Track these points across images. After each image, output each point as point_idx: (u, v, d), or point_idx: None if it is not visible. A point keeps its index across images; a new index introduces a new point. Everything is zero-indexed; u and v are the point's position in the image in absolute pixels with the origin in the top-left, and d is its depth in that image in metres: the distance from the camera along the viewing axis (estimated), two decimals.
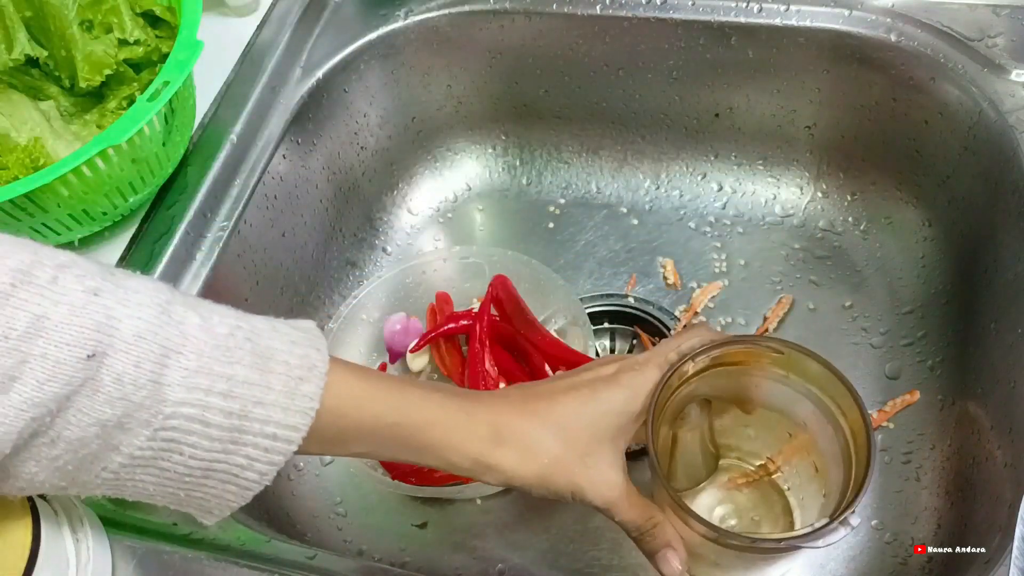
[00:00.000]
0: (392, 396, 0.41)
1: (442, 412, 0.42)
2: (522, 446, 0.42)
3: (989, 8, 0.65)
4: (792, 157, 0.76)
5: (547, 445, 0.43)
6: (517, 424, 0.43)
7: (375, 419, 0.40)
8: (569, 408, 0.44)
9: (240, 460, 0.37)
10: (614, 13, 0.70)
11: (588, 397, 0.44)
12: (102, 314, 0.34)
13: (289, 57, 0.71)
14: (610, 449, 0.44)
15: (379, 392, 0.41)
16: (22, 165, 0.58)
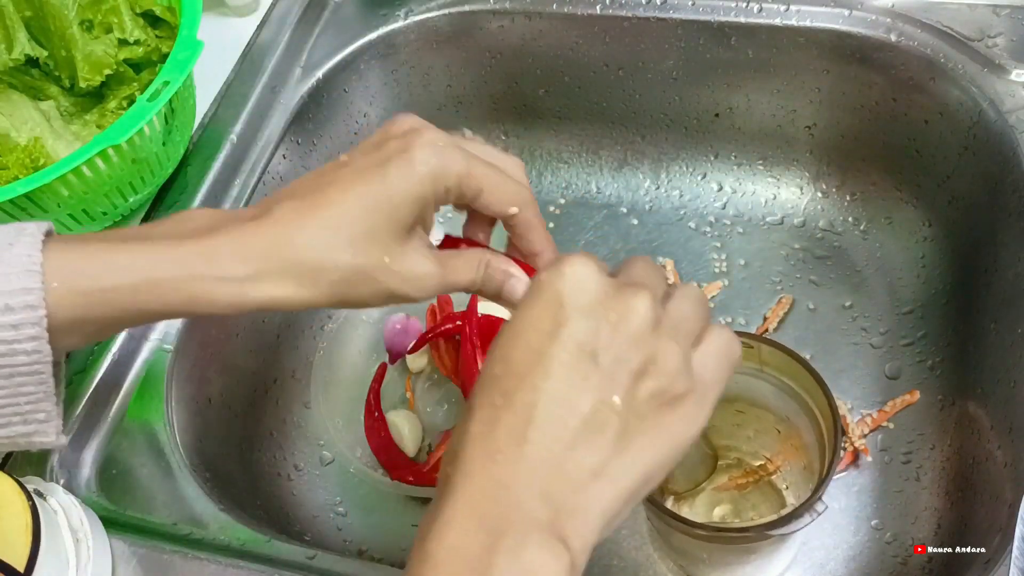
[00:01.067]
0: (120, 256, 0.36)
1: (179, 265, 0.36)
2: (301, 269, 0.36)
3: (989, 8, 0.65)
4: (792, 157, 0.76)
5: (332, 258, 0.36)
6: (289, 247, 0.36)
7: (115, 284, 0.36)
8: (355, 210, 0.37)
9: None
10: (614, 13, 0.70)
11: (378, 188, 0.37)
12: None
13: (289, 57, 0.71)
14: (415, 237, 0.39)
15: (107, 255, 0.36)
16: (22, 165, 0.58)
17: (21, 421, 0.37)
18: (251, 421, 0.65)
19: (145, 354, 0.57)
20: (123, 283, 0.36)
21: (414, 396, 0.68)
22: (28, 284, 0.34)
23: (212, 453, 0.58)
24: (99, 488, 0.52)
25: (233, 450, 0.62)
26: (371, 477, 0.58)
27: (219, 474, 0.56)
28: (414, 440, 0.64)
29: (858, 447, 0.62)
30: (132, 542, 0.48)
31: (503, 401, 0.31)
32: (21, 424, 0.37)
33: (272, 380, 0.67)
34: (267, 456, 0.65)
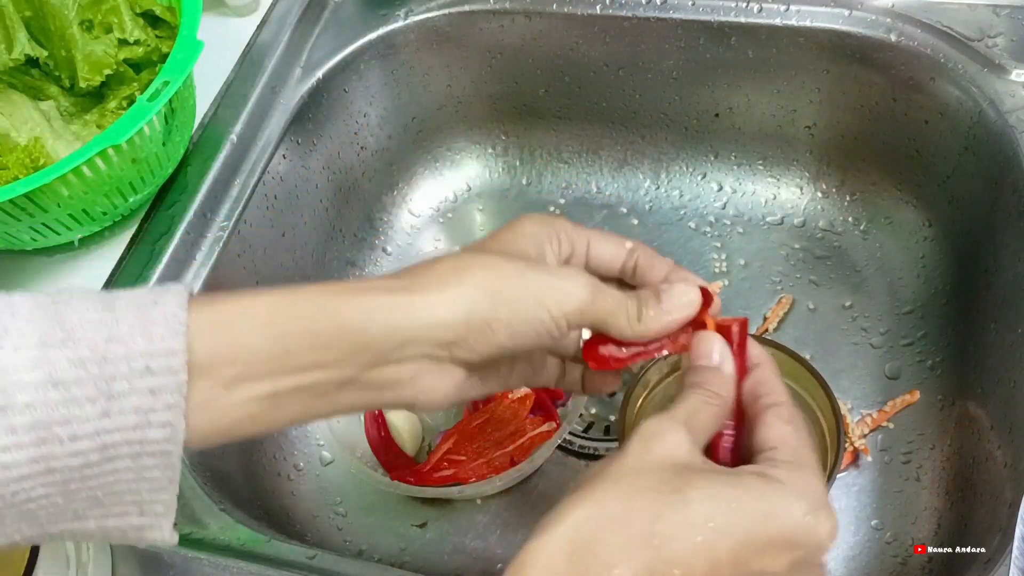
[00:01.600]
0: (306, 301, 0.34)
1: (377, 304, 0.34)
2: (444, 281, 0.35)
3: (989, 8, 0.65)
4: (792, 157, 0.76)
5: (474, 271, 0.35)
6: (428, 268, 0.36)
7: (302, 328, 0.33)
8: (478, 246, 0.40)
9: (131, 419, 0.30)
10: (614, 13, 0.70)
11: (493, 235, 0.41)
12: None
13: (289, 57, 0.71)
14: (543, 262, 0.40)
15: (283, 296, 0.34)
16: (22, 165, 0.58)
17: (137, 512, 0.33)
18: None
19: None
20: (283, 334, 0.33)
21: None
22: (172, 346, 0.31)
23: (212, 453, 0.58)
24: None
25: (233, 450, 0.62)
26: (371, 477, 0.58)
27: (219, 474, 0.56)
28: (413, 439, 0.64)
29: (858, 447, 0.62)
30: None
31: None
32: (137, 516, 0.33)
33: None
34: (267, 456, 0.65)
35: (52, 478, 0.30)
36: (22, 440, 0.29)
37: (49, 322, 0.30)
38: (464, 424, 0.62)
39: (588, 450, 0.65)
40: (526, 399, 0.62)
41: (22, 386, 0.29)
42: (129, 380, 0.30)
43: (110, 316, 0.31)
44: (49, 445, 0.29)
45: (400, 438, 0.64)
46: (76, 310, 0.31)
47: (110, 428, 0.30)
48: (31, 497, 0.30)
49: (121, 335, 0.30)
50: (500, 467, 0.59)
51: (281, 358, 0.33)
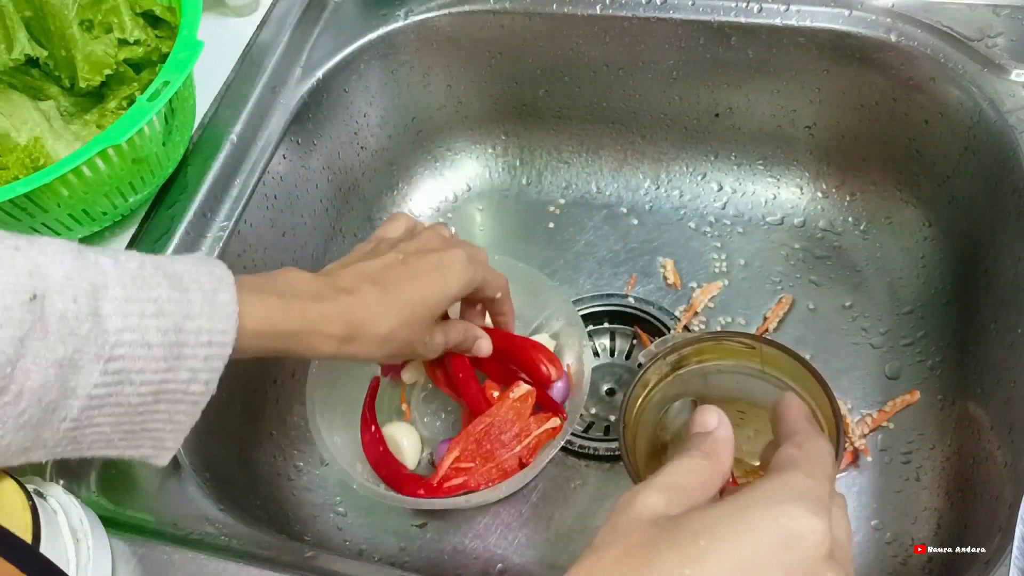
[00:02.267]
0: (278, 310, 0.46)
1: (305, 321, 0.47)
2: (376, 339, 0.49)
3: (989, 8, 0.65)
4: (792, 157, 0.76)
5: (397, 334, 0.50)
6: (371, 322, 0.49)
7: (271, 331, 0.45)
8: (416, 300, 0.51)
9: (184, 375, 0.41)
10: (614, 13, 0.70)
11: (433, 287, 0.51)
12: (30, 262, 0.37)
13: (289, 57, 0.71)
14: (436, 320, 0.53)
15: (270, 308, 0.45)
16: (22, 165, 0.58)
17: (151, 444, 0.42)
18: (251, 421, 0.65)
19: None
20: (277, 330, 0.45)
21: (410, 408, 0.68)
22: (227, 327, 0.42)
23: (212, 453, 0.58)
24: (99, 488, 0.52)
25: (233, 450, 0.62)
26: (376, 493, 0.58)
27: (219, 474, 0.56)
28: (413, 452, 0.64)
29: (858, 447, 0.62)
30: (132, 542, 0.48)
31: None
32: (150, 447, 0.43)
33: (272, 380, 0.67)
34: (267, 456, 0.65)
35: (117, 410, 0.39)
36: (108, 380, 0.38)
37: (146, 297, 0.40)
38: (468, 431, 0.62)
39: (588, 450, 0.65)
40: (528, 397, 0.61)
41: (122, 343, 0.38)
42: (193, 348, 0.40)
43: (184, 296, 0.41)
44: (124, 385, 0.39)
45: (399, 451, 0.63)
46: (162, 288, 0.40)
47: (169, 379, 0.40)
48: (94, 423, 0.39)
49: (194, 314, 0.41)
50: (510, 469, 0.59)
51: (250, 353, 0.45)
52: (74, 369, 0.37)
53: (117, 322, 0.38)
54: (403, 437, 0.64)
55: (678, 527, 0.32)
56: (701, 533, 0.31)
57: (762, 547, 0.31)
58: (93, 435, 0.40)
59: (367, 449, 0.64)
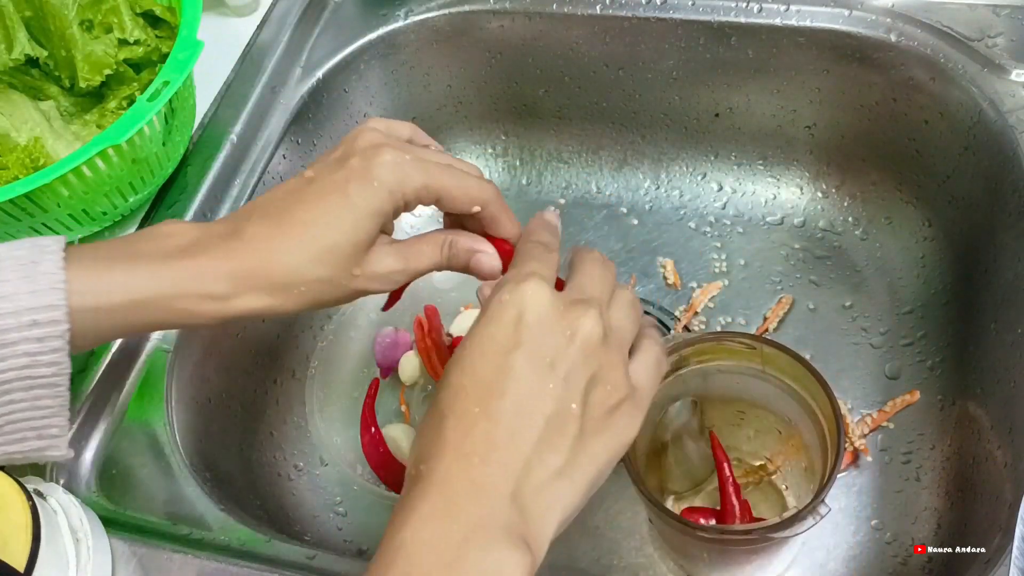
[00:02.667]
0: (123, 278, 0.39)
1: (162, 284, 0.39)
2: (275, 287, 0.40)
3: (989, 8, 0.65)
4: (792, 157, 0.76)
5: (303, 275, 0.40)
6: (263, 267, 0.39)
7: (119, 302, 0.39)
8: (324, 228, 0.40)
9: (22, 360, 0.37)
10: (614, 13, 0.70)
11: (342, 207, 0.40)
12: None
13: (289, 57, 0.71)
14: (376, 243, 0.42)
15: (113, 274, 0.39)
16: (22, 165, 0.58)
17: (36, 436, 0.39)
18: (251, 421, 0.65)
19: (145, 354, 0.57)
20: (127, 300, 0.39)
21: (409, 409, 0.68)
22: (53, 301, 0.37)
23: (212, 453, 0.58)
24: (99, 488, 0.52)
25: (233, 450, 0.62)
26: (377, 493, 0.58)
27: (219, 474, 0.56)
28: None
29: (858, 447, 0.62)
30: (132, 542, 0.48)
31: (479, 409, 0.34)
32: (35, 439, 0.39)
33: (272, 380, 0.67)
34: (267, 456, 0.65)
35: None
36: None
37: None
38: None
39: None
40: None
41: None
42: (18, 331, 0.37)
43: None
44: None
45: (399, 452, 0.64)
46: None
47: (3, 369, 0.37)
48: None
49: (8, 294, 0.37)
50: None
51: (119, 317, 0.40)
52: None
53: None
54: (403, 438, 0.64)
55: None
56: (465, 342, 0.36)
57: (504, 327, 0.36)
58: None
59: (367, 450, 0.64)
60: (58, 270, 0.37)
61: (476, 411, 0.34)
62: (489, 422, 0.34)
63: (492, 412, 0.34)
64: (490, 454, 0.33)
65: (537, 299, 0.36)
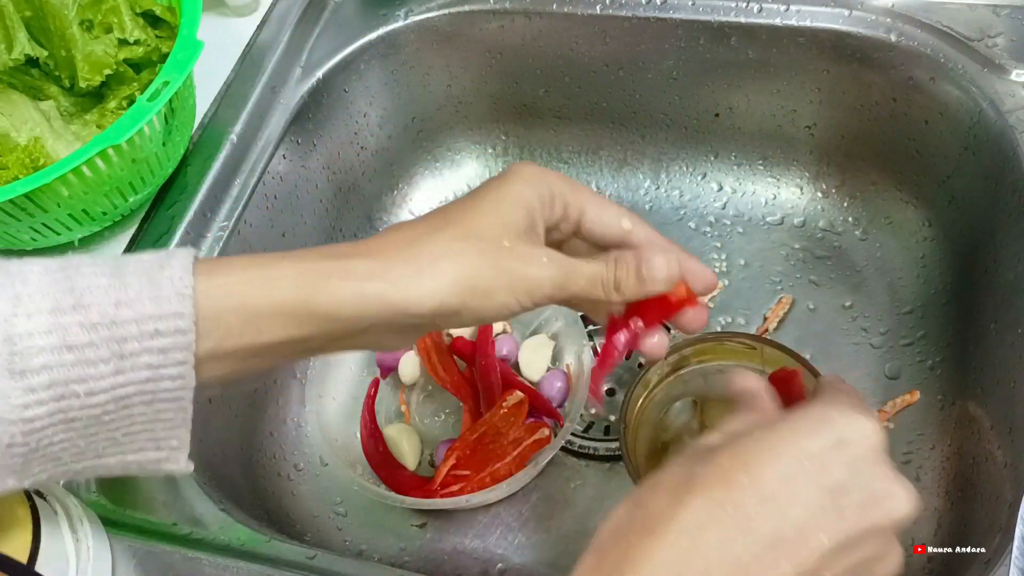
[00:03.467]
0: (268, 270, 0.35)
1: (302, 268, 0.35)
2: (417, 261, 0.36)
3: (989, 8, 0.65)
4: (792, 157, 0.76)
5: (451, 245, 0.36)
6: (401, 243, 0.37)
7: (273, 301, 0.35)
8: (463, 208, 0.38)
9: (144, 373, 0.33)
10: (614, 13, 0.70)
11: (482, 193, 0.39)
12: None
13: (289, 57, 0.71)
14: (531, 235, 0.38)
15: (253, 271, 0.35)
16: (22, 165, 0.58)
17: (154, 447, 0.36)
18: (251, 421, 0.65)
19: None
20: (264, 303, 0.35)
21: (409, 409, 0.68)
22: (179, 308, 0.33)
23: (212, 453, 0.58)
24: (99, 488, 0.52)
25: (233, 450, 0.62)
26: (376, 494, 0.58)
27: (219, 474, 0.56)
28: (413, 453, 0.64)
29: None
30: (132, 542, 0.48)
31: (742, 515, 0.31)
32: (154, 451, 0.36)
33: (272, 380, 0.67)
34: (267, 456, 0.65)
35: (72, 426, 0.33)
36: (42, 397, 0.31)
37: (60, 289, 0.32)
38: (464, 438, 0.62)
39: (588, 450, 0.65)
40: (522, 405, 0.61)
41: (37, 350, 0.31)
42: (139, 341, 0.33)
43: (118, 281, 0.33)
44: (67, 400, 0.32)
45: (399, 452, 0.64)
46: (85, 276, 0.33)
47: (123, 383, 0.33)
48: (54, 442, 0.33)
49: (129, 299, 0.33)
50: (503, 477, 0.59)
51: (253, 335, 0.35)
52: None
53: (21, 325, 0.31)
54: (403, 438, 0.64)
55: (736, 441, 0.33)
56: (759, 440, 0.33)
57: (818, 444, 0.32)
58: (67, 451, 0.34)
59: (367, 450, 0.64)
60: (185, 275, 0.33)
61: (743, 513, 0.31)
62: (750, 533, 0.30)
63: (758, 525, 0.30)
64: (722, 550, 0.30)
65: (874, 440, 0.33)
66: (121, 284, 0.33)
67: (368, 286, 0.35)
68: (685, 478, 0.32)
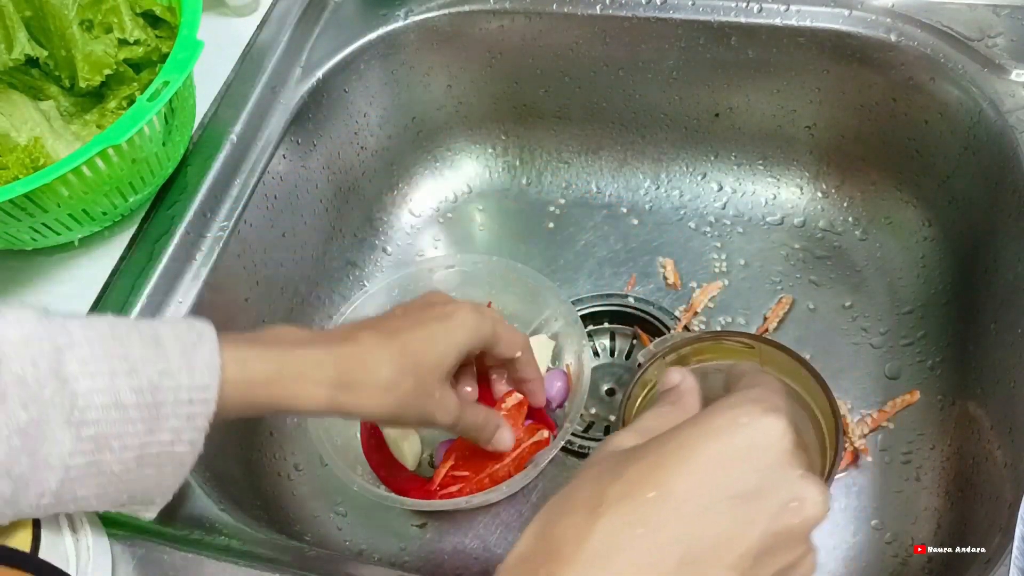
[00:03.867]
0: (256, 356, 0.43)
1: (287, 365, 0.43)
2: (377, 388, 0.45)
3: (989, 8, 0.65)
4: (792, 157, 0.76)
5: (400, 384, 0.46)
6: (370, 368, 0.45)
7: (248, 378, 0.42)
8: (420, 347, 0.47)
9: (166, 435, 0.38)
10: (614, 13, 0.70)
11: (438, 334, 0.48)
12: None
13: (289, 57, 0.71)
14: (448, 378, 0.50)
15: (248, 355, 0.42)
16: (22, 165, 0.58)
17: (140, 500, 0.41)
18: (251, 421, 0.65)
19: None
20: (250, 379, 0.42)
21: None
22: (208, 382, 0.39)
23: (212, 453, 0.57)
24: None
25: (233, 450, 0.62)
26: (376, 494, 0.58)
27: (219, 474, 0.56)
28: (414, 454, 0.64)
29: (858, 447, 0.62)
30: (132, 542, 0.48)
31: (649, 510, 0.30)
32: (140, 503, 0.41)
33: None
34: (267, 456, 0.65)
35: (99, 480, 0.37)
36: (84, 448, 0.36)
37: (116, 355, 0.38)
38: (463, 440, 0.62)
39: (588, 450, 0.65)
40: (522, 405, 0.61)
41: (93, 406, 0.36)
42: (173, 407, 0.38)
43: (161, 353, 0.39)
44: (103, 452, 0.37)
45: (400, 453, 0.63)
46: (135, 346, 0.38)
47: (151, 442, 0.38)
48: (75, 497, 0.37)
49: (171, 371, 0.38)
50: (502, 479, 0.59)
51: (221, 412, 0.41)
52: (41, 437, 0.35)
53: (85, 383, 0.36)
54: (403, 439, 0.64)
55: (646, 446, 0.33)
56: (667, 443, 0.32)
57: (726, 448, 0.31)
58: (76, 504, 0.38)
59: (367, 450, 0.64)
60: (215, 354, 0.40)
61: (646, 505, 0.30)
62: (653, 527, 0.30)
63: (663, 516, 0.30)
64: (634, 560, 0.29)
65: (783, 441, 0.32)
66: (164, 356, 0.39)
67: (338, 400, 0.44)
68: (594, 495, 0.31)
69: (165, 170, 0.62)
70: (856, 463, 0.62)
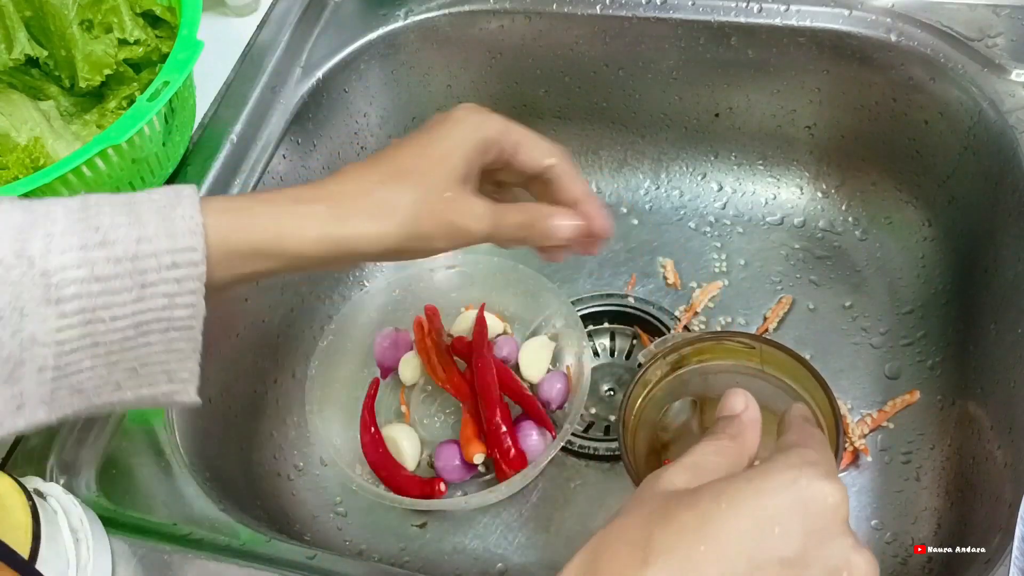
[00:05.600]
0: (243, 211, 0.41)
1: (275, 209, 0.41)
2: (371, 209, 0.42)
3: (989, 8, 0.65)
4: (792, 157, 0.76)
5: (396, 202, 0.42)
6: (360, 191, 0.42)
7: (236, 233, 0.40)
8: (413, 160, 0.43)
9: (161, 301, 0.37)
10: (614, 13, 0.70)
11: (433, 140, 0.44)
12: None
13: (289, 57, 0.71)
14: (469, 181, 0.45)
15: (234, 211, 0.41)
16: (22, 165, 0.58)
17: (166, 379, 0.39)
18: (251, 421, 0.65)
19: None
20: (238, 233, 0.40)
21: (409, 409, 0.68)
22: (192, 243, 0.38)
23: (212, 453, 0.58)
24: (99, 488, 0.52)
25: (233, 450, 0.62)
26: (377, 493, 0.58)
27: (219, 474, 0.56)
28: (413, 454, 0.64)
29: (858, 447, 0.62)
30: (132, 542, 0.48)
31: None
32: (167, 383, 0.40)
33: (272, 380, 0.67)
34: (267, 456, 0.65)
35: (97, 351, 0.37)
36: (72, 322, 0.36)
37: (86, 228, 0.36)
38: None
39: (588, 450, 0.65)
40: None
41: (69, 281, 0.36)
42: (158, 272, 0.37)
43: (136, 220, 0.37)
44: (94, 324, 0.36)
45: (399, 453, 0.63)
46: (107, 215, 0.37)
47: (143, 309, 0.37)
48: (81, 368, 0.37)
49: (148, 236, 0.37)
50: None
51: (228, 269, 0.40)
52: (21, 317, 0.35)
53: (55, 260, 0.35)
54: (403, 438, 0.64)
55: (698, 493, 0.32)
56: (720, 496, 0.31)
57: (781, 508, 0.31)
58: (91, 380, 0.38)
59: (367, 450, 0.64)
60: (195, 213, 0.38)
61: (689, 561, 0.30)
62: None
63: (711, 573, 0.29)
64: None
65: (839, 509, 0.31)
66: (140, 223, 0.37)
67: (330, 230, 0.41)
68: (643, 539, 0.31)
69: (165, 170, 0.62)
70: (856, 463, 0.62)
